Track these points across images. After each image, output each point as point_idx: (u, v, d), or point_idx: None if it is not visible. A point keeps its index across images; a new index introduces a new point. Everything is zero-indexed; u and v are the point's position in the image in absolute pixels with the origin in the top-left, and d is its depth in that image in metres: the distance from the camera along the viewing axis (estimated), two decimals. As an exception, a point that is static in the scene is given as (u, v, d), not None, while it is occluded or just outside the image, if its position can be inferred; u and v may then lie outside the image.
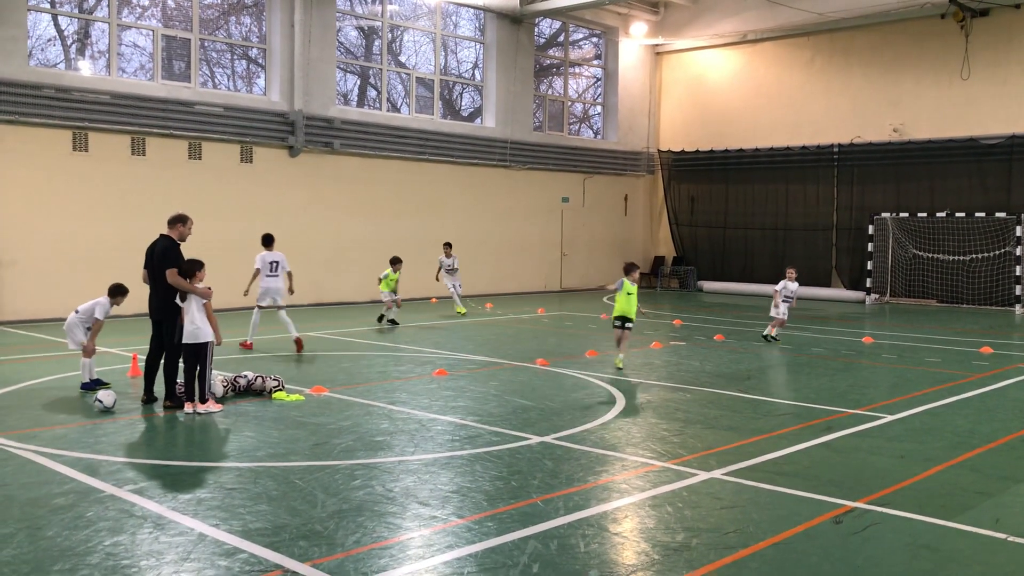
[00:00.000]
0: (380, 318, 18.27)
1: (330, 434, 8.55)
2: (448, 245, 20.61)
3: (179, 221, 9.99)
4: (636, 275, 13.16)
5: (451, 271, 20.47)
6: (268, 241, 14.82)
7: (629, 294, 12.90)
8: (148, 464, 7.58)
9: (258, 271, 14.43)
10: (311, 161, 21.99)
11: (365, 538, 5.72)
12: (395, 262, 18.04)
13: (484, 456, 7.78)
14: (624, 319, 12.77)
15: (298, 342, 14.09)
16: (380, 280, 18.03)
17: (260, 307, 14.70)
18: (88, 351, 10.58)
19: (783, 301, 15.94)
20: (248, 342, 14.49)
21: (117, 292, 10.81)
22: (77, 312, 10.63)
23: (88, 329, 10.61)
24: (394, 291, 17.90)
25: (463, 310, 20.40)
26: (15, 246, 17.53)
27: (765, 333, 16.00)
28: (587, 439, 8.45)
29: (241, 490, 6.73)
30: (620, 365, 12.59)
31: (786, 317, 16.13)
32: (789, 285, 16.09)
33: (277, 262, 14.48)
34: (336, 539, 5.69)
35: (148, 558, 5.35)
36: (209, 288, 9.69)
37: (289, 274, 14.67)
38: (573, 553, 5.49)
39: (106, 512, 6.17)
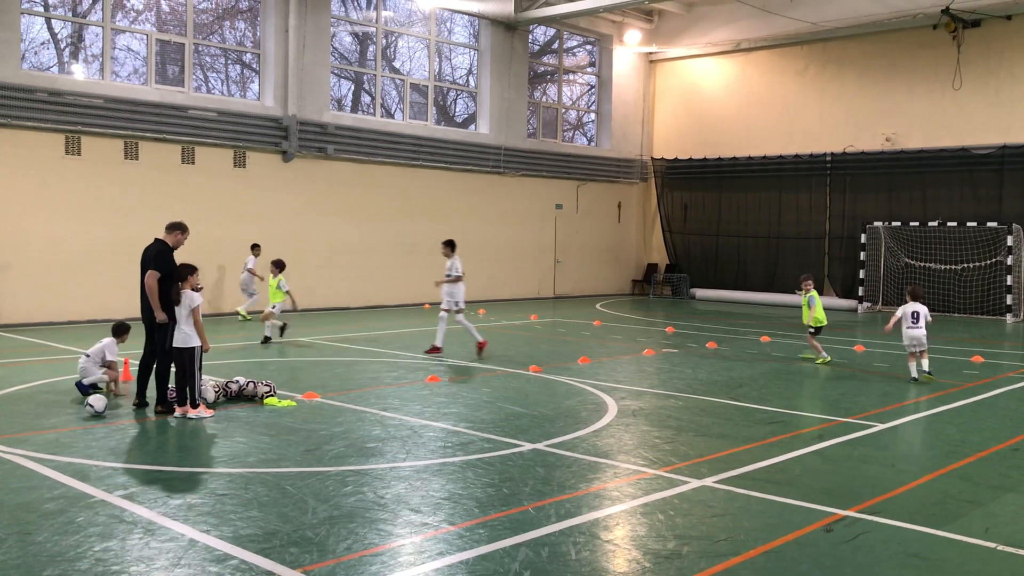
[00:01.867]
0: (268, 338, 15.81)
1: (322, 440, 8.53)
2: (255, 247, 19.56)
3: (178, 228, 9.96)
4: (806, 285, 14.50)
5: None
6: (453, 246, 15.16)
7: (805, 305, 14.29)
8: (139, 469, 7.56)
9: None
10: (304, 166, 21.98)
11: (356, 545, 5.71)
12: (279, 265, 15.93)
13: (476, 463, 7.78)
14: (807, 326, 14.28)
15: (480, 344, 14.85)
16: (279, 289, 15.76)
17: (444, 312, 14.92)
18: (118, 391, 10.70)
19: (908, 327, 12.44)
20: (481, 340, 14.90)
21: (122, 331, 10.97)
22: (87, 356, 10.67)
23: (103, 365, 10.67)
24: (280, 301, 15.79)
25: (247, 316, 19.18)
26: (8, 250, 17.47)
27: (925, 370, 12.52)
28: (579, 446, 8.45)
29: (232, 496, 6.71)
30: (804, 356, 14.67)
31: (912, 344, 12.55)
32: (920, 309, 12.57)
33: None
34: (327, 545, 5.68)
35: (138, 564, 5.33)
36: (169, 312, 9.57)
37: (457, 278, 14.93)
38: (564, 561, 5.49)
39: (96, 517, 6.15)
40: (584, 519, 6.30)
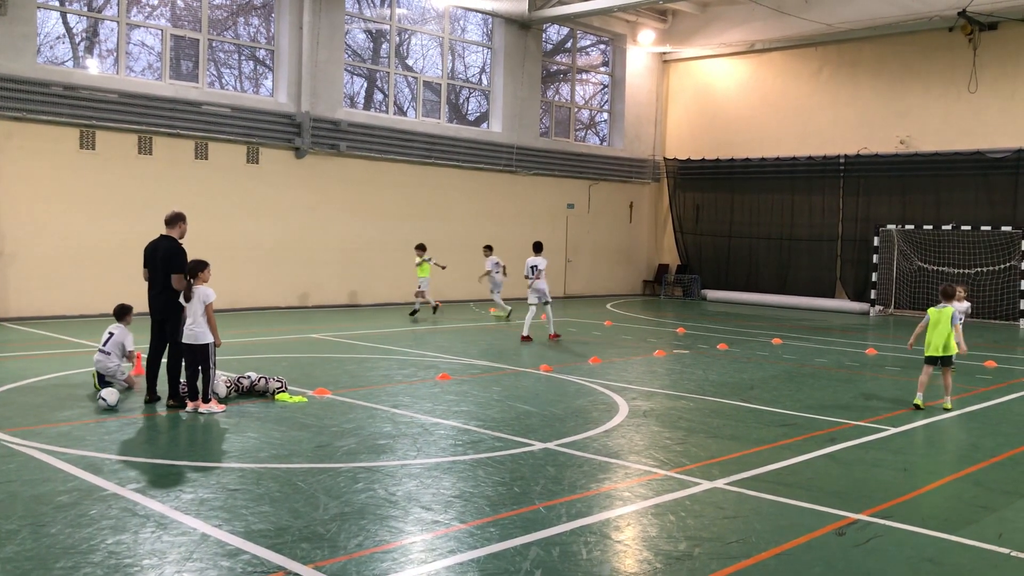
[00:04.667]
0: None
1: (333, 436, 8.55)
2: (488, 248, 21.11)
3: (180, 219, 10.00)
4: (947, 299, 10.87)
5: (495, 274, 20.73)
6: (536, 248, 17.33)
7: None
8: (151, 463, 7.59)
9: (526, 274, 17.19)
10: (317, 163, 22.02)
11: (367, 541, 5.72)
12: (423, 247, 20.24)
13: (487, 461, 7.78)
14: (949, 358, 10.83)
15: (552, 336, 16.73)
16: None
17: (530, 305, 16.93)
18: (131, 381, 10.74)
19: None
20: (551, 334, 16.88)
21: (124, 312, 10.96)
22: (106, 352, 10.52)
23: (124, 356, 10.69)
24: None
25: (502, 315, 20.79)
26: (21, 242, 17.55)
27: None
28: (590, 446, 8.44)
29: (244, 491, 6.73)
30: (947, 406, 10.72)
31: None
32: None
33: (535, 266, 16.88)
34: (338, 542, 5.69)
35: (150, 557, 5.35)
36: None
37: (541, 271, 16.94)
38: (575, 560, 5.49)
39: (109, 510, 6.18)
40: (595, 519, 6.29)
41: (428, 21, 25.38)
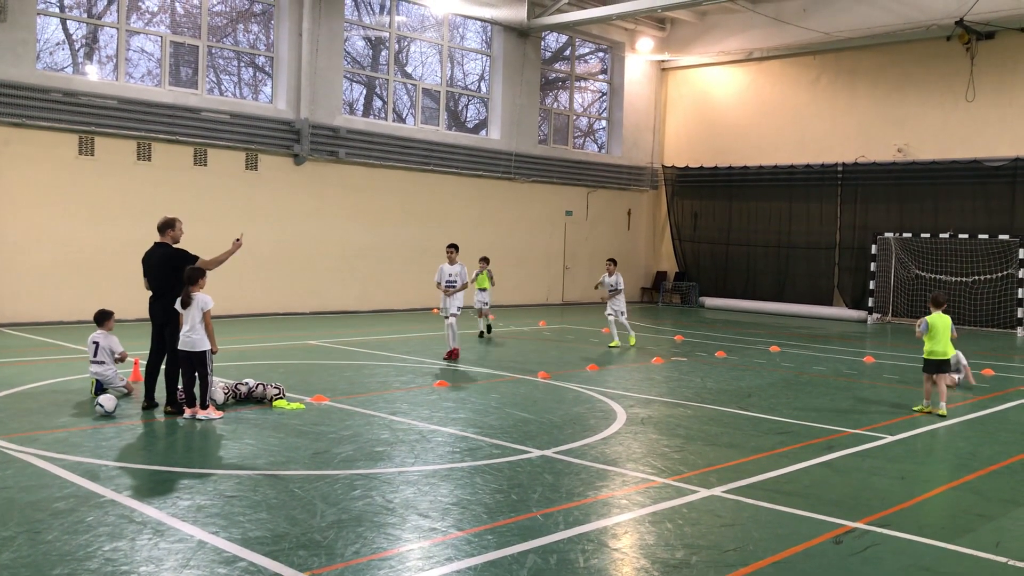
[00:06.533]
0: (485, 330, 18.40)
1: (330, 443, 8.54)
2: (612, 261, 17.74)
3: (170, 226, 10.03)
4: (938, 307, 11.32)
5: (614, 292, 17.28)
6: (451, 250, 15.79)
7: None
8: (148, 470, 7.58)
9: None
10: (316, 170, 22.03)
11: (364, 549, 5.71)
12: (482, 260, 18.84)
13: (484, 469, 7.77)
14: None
15: (450, 352, 14.63)
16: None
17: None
18: (129, 387, 10.75)
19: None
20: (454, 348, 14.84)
21: (105, 317, 10.91)
22: (101, 362, 10.50)
23: (117, 359, 10.68)
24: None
25: (616, 344, 17.16)
26: (19, 248, 17.54)
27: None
28: (588, 454, 8.44)
29: (241, 498, 6.72)
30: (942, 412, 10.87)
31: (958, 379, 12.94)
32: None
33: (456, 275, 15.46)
34: (335, 549, 5.68)
35: (147, 564, 5.34)
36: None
37: (464, 285, 15.41)
38: (572, 568, 5.48)
39: (106, 517, 6.17)
40: (592, 527, 6.29)
41: (427, 28, 25.43)
